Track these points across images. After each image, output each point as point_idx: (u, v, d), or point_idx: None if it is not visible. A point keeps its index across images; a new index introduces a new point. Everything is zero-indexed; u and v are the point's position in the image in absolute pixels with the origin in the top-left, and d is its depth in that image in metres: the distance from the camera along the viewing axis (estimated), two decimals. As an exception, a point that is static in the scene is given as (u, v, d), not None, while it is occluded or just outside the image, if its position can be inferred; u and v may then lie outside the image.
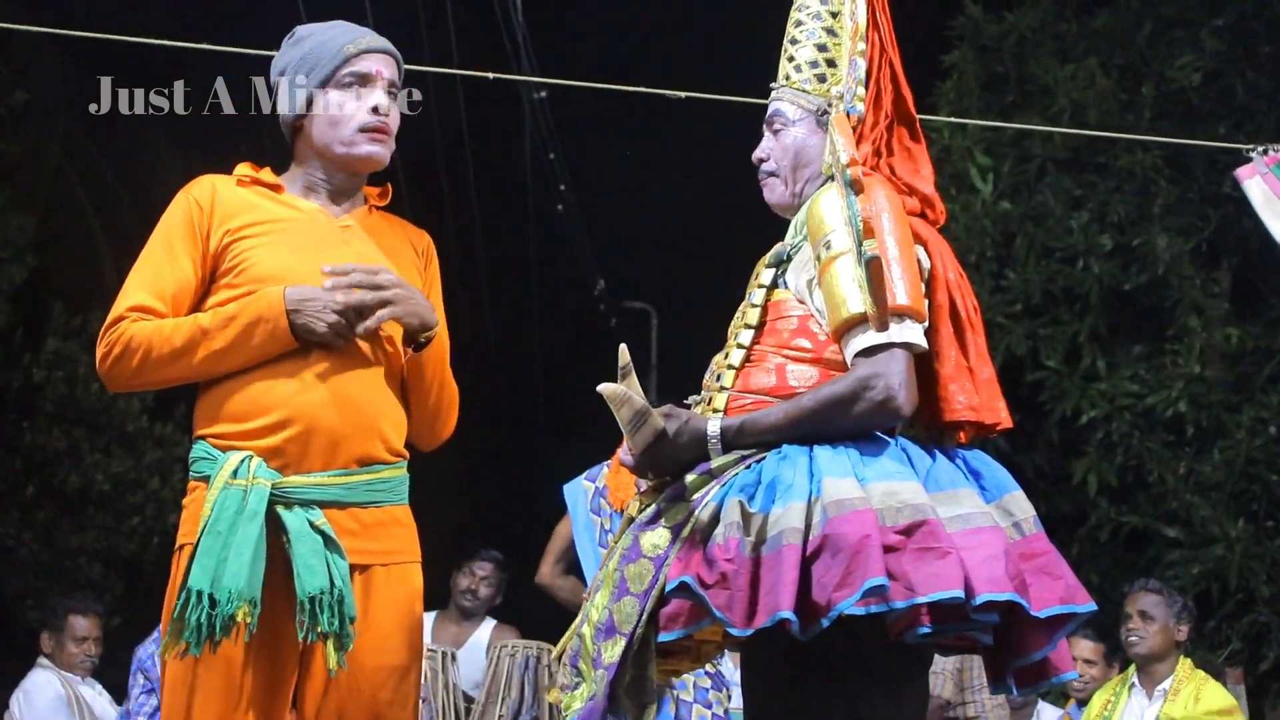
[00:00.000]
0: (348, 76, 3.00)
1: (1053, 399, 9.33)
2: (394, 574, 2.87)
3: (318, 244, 2.95)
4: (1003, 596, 2.52)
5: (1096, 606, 2.73)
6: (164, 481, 11.30)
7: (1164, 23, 9.99)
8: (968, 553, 2.55)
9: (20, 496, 11.12)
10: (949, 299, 2.81)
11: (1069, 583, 2.67)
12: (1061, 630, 2.70)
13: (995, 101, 10.31)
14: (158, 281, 2.89)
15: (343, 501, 2.80)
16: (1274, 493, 8.76)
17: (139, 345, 2.82)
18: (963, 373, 2.80)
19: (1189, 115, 9.69)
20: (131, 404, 11.32)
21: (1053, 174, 9.83)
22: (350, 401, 2.83)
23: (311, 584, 2.65)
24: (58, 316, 11.33)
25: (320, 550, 2.70)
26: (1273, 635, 8.61)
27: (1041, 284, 9.51)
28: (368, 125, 2.98)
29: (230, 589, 2.60)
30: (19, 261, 10.71)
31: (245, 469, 2.73)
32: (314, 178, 3.05)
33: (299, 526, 2.71)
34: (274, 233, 2.94)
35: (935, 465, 2.73)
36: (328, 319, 2.80)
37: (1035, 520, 2.78)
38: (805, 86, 3.01)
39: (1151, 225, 9.40)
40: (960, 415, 2.79)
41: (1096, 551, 9.35)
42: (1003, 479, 2.85)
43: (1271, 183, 6.18)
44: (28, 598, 10.87)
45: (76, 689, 6.25)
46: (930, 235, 2.86)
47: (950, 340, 2.79)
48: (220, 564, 2.62)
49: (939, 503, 2.62)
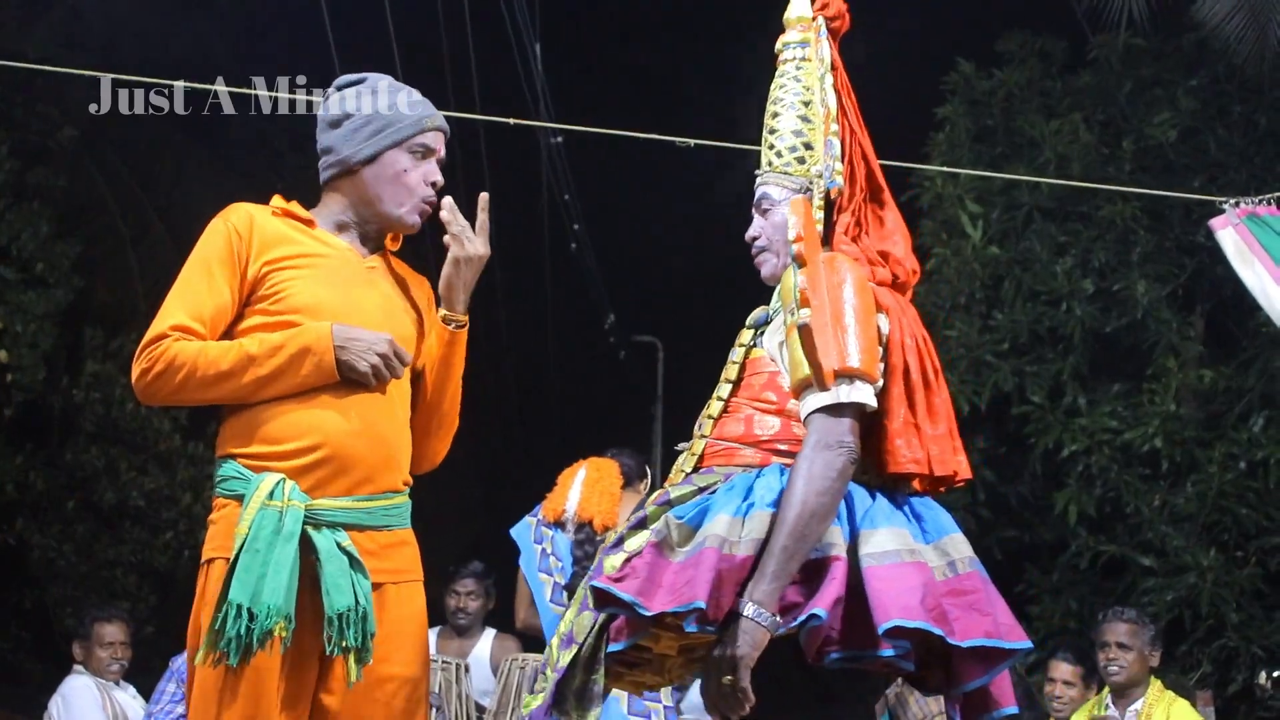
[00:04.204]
0: (418, 146, 3.06)
1: (1036, 433, 9.33)
2: (404, 591, 2.91)
3: (348, 281, 2.98)
4: (912, 623, 2.64)
5: (1031, 645, 2.84)
6: (196, 497, 11.29)
7: (1143, 83, 10.04)
8: (885, 583, 2.68)
9: (61, 511, 11.13)
10: (904, 361, 2.90)
11: (999, 619, 2.77)
12: (996, 666, 2.78)
13: (985, 153, 10.35)
14: (197, 304, 2.88)
15: (363, 525, 2.83)
16: (1244, 524, 8.75)
17: (183, 364, 2.81)
18: (909, 429, 2.89)
19: (1166, 169, 9.72)
20: (165, 424, 11.33)
21: (1039, 222, 9.86)
22: (377, 433, 2.87)
23: (340, 602, 2.68)
24: (95, 340, 11.36)
25: (347, 570, 2.73)
26: (1241, 659, 8.59)
27: (1028, 324, 9.52)
28: (427, 199, 3.08)
29: (269, 605, 2.62)
30: (65, 285, 10.74)
31: (281, 491, 2.74)
32: (348, 218, 3.07)
33: (328, 547, 2.74)
34: (309, 267, 2.94)
35: (874, 505, 2.85)
36: (370, 360, 2.83)
37: (971, 561, 2.85)
38: (787, 169, 3.13)
39: (1131, 271, 9.42)
40: (904, 468, 2.87)
41: (1076, 578, 9.34)
42: (944, 522, 2.92)
43: (1243, 233, 6.21)
44: (67, 606, 10.88)
45: (110, 693, 6.23)
46: (893, 304, 2.96)
47: (901, 399, 2.89)
48: (260, 580, 2.64)
49: (865, 539, 2.77)
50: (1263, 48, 8.83)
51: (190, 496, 11.26)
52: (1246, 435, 8.86)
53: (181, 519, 11.19)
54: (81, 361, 11.28)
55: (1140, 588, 8.80)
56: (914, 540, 2.82)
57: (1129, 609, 5.74)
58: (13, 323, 10.20)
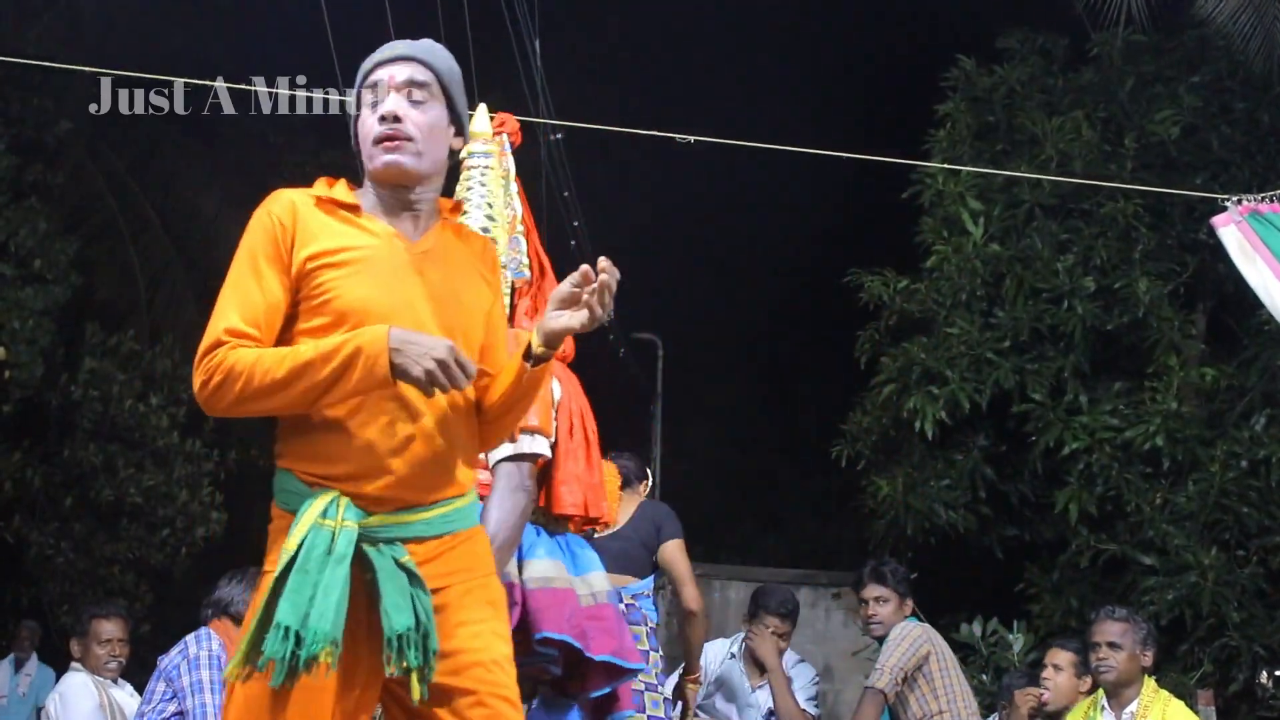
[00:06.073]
0: (367, 93, 2.85)
1: (1037, 431, 9.33)
2: (470, 587, 2.78)
3: (396, 273, 2.77)
4: (558, 636, 3.49)
5: (644, 666, 3.99)
6: (193, 495, 11.28)
7: (1145, 79, 10.04)
8: (541, 603, 3.51)
9: (59, 508, 11.13)
10: (570, 421, 3.65)
11: (624, 643, 3.65)
12: (618, 679, 3.67)
13: (986, 150, 10.35)
14: (249, 304, 2.71)
15: (422, 536, 2.72)
16: (1245, 523, 8.75)
17: (240, 373, 2.66)
18: (572, 478, 3.64)
19: (1168, 166, 9.72)
20: (162, 421, 11.32)
21: (1040, 219, 9.85)
22: (435, 447, 2.73)
23: (399, 623, 2.58)
24: (93, 337, 11.35)
25: (406, 588, 2.63)
26: (1242, 659, 8.59)
27: (1029, 322, 9.51)
28: (378, 136, 2.79)
29: (317, 630, 2.53)
30: (63, 282, 10.73)
31: (334, 510, 2.64)
32: (377, 197, 2.87)
33: (386, 565, 2.64)
34: (354, 262, 2.75)
35: (538, 539, 3.64)
36: (426, 365, 2.61)
37: (608, 595, 3.69)
38: None
39: (1132, 269, 9.42)
40: (566, 510, 3.64)
41: (1076, 577, 9.33)
42: (591, 560, 3.73)
43: (1245, 231, 6.20)
44: (64, 603, 10.88)
45: (108, 691, 6.21)
46: (564, 374, 3.72)
47: (567, 453, 3.63)
48: (309, 603, 2.55)
49: (528, 566, 3.57)
50: (1271, 45, 8.84)
51: (187, 494, 11.25)
52: (1248, 433, 8.86)
53: (179, 516, 11.18)
54: (79, 358, 11.27)
55: (1141, 586, 8.79)
56: (566, 571, 3.61)
57: (1121, 608, 5.71)
58: (11, 319, 10.19)
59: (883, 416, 10.13)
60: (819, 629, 10.99)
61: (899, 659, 5.47)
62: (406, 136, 2.79)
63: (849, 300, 10.60)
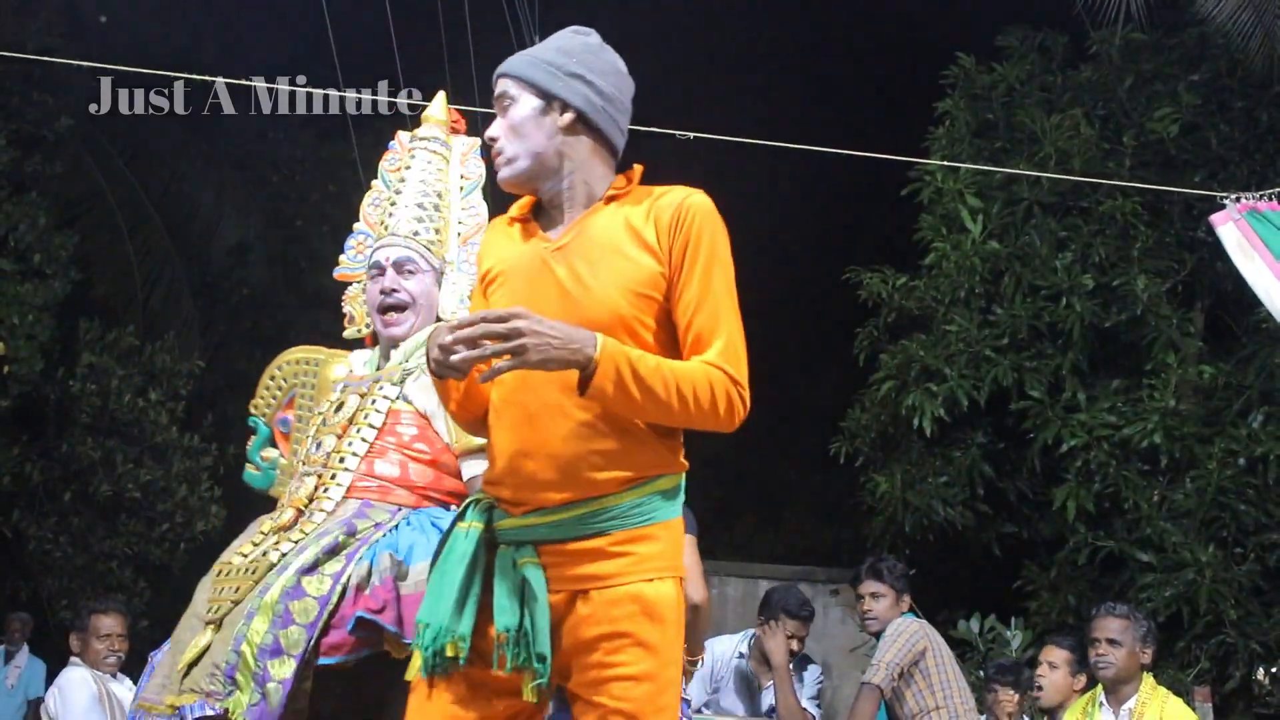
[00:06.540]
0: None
1: (1035, 428, 9.34)
2: (607, 596, 2.69)
3: (527, 279, 2.78)
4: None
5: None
6: (192, 490, 11.28)
7: (1144, 77, 10.06)
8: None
9: (57, 503, 11.13)
10: None
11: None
12: None
13: (985, 147, 10.37)
14: None
15: (551, 539, 2.71)
16: (1243, 521, 8.76)
17: None
18: None
19: (1167, 164, 9.73)
20: (161, 416, 11.32)
21: (1039, 217, 9.86)
22: (550, 451, 2.69)
23: (501, 622, 2.66)
24: (92, 332, 11.35)
25: (515, 590, 2.68)
26: (1239, 655, 8.61)
27: (1027, 319, 9.53)
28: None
29: (439, 625, 2.68)
30: (62, 277, 10.74)
31: (470, 513, 2.78)
32: (553, 184, 2.87)
33: (503, 566, 2.72)
34: (500, 275, 2.85)
35: None
36: (432, 354, 2.63)
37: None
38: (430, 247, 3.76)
39: (1131, 267, 9.43)
40: None
41: (1074, 574, 9.35)
42: None
43: (1244, 228, 6.22)
44: (62, 598, 10.89)
45: (106, 685, 6.23)
46: None
47: None
48: (436, 600, 2.72)
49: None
50: (1270, 44, 8.85)
51: (186, 489, 11.24)
52: (1246, 431, 8.87)
53: (177, 511, 11.18)
54: (78, 353, 11.27)
55: (1139, 584, 8.81)
56: None
57: (1121, 604, 5.72)
58: (10, 314, 10.20)
59: (881, 413, 10.14)
60: (817, 625, 10.90)
61: (895, 655, 5.48)
62: (497, 151, 2.85)
63: (848, 297, 10.61)
